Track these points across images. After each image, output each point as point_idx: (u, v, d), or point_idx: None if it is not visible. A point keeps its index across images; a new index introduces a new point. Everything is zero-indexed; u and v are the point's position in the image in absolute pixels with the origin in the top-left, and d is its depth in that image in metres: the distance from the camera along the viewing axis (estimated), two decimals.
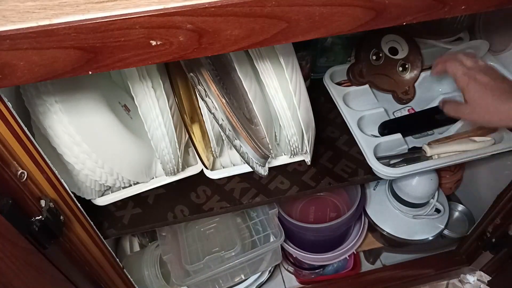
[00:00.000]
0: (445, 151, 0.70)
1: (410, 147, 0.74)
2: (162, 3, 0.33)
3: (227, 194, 0.70)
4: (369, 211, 0.93)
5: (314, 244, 0.93)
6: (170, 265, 0.81)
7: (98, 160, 0.57)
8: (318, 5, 0.36)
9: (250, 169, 0.66)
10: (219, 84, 0.55)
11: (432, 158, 0.70)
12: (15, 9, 0.33)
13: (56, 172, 0.48)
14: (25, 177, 0.44)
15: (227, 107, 0.55)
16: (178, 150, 0.62)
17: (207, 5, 0.33)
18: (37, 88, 0.50)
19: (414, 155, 0.72)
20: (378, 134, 0.75)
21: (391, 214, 0.92)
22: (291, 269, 1.02)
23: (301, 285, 1.03)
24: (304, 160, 0.70)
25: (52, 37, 0.32)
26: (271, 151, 0.64)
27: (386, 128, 0.74)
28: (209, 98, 0.54)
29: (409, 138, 0.76)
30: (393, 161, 0.72)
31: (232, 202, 0.69)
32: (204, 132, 0.66)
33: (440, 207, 0.90)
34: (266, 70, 0.56)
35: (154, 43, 0.34)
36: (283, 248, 0.93)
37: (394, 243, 0.95)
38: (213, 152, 0.68)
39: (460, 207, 1.04)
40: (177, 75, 0.63)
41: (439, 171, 0.92)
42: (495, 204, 0.86)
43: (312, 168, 0.73)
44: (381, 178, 0.71)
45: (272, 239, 0.88)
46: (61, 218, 0.50)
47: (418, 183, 0.84)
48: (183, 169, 0.69)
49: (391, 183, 0.91)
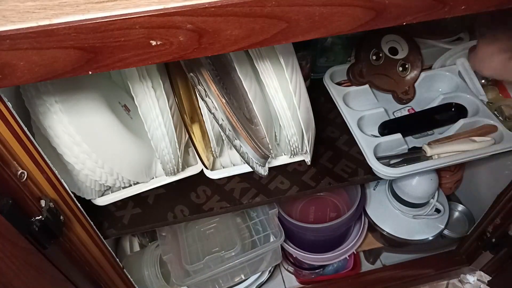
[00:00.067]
0: (445, 151, 0.70)
1: (410, 147, 0.74)
2: (162, 3, 0.33)
3: (227, 194, 0.70)
4: (369, 211, 0.93)
5: (314, 244, 0.93)
6: (170, 265, 0.81)
7: (98, 160, 0.57)
8: (318, 5, 0.36)
9: (250, 169, 0.66)
10: (219, 84, 0.55)
11: (432, 158, 0.70)
12: (15, 9, 0.33)
13: (56, 172, 0.48)
14: (25, 177, 0.44)
15: (227, 107, 0.55)
16: (178, 150, 0.62)
17: (207, 5, 0.33)
18: (37, 88, 0.50)
19: (414, 155, 0.72)
20: (378, 134, 0.75)
21: (391, 214, 0.92)
22: (291, 269, 1.02)
23: (301, 285, 1.03)
24: (304, 160, 0.70)
25: (52, 37, 0.32)
26: (271, 151, 0.64)
27: (386, 128, 0.74)
28: (209, 98, 0.54)
29: (409, 138, 0.76)
30: (393, 161, 0.72)
31: (232, 202, 0.69)
32: (204, 132, 0.66)
33: (440, 207, 0.90)
34: (266, 70, 0.56)
35: (154, 43, 0.34)
36: (283, 248, 0.93)
37: (394, 243, 0.95)
38: (213, 152, 0.68)
39: (460, 207, 1.04)
40: (177, 75, 0.63)
41: (439, 171, 0.92)
42: (495, 204, 0.86)
43: (312, 168, 0.73)
44: (381, 178, 0.71)
45: (272, 239, 0.88)
46: (61, 218, 0.50)
47: (418, 183, 0.84)
48: (183, 169, 0.69)
49: (391, 183, 0.91)
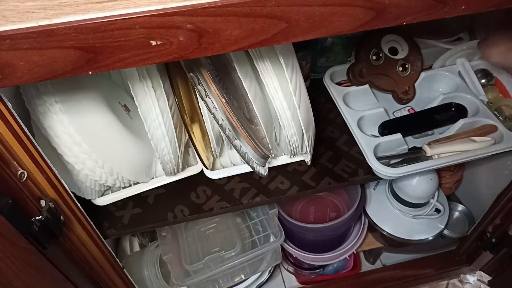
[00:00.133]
0: (445, 151, 0.70)
1: (410, 147, 0.74)
2: (162, 3, 0.33)
3: (227, 194, 0.70)
4: (369, 211, 0.93)
5: (314, 244, 0.93)
6: (170, 265, 0.81)
7: (98, 160, 0.57)
8: (318, 5, 0.36)
9: (250, 169, 0.66)
10: (219, 84, 0.55)
11: (432, 158, 0.70)
12: (15, 9, 0.33)
13: (56, 172, 0.48)
14: (25, 177, 0.44)
15: (227, 107, 0.55)
16: (178, 150, 0.62)
17: (207, 5, 0.33)
18: (37, 88, 0.50)
19: (414, 155, 0.72)
20: (378, 134, 0.75)
21: (391, 214, 0.92)
22: (291, 269, 1.02)
23: (301, 285, 1.03)
24: (304, 160, 0.70)
25: (52, 37, 0.32)
26: (271, 151, 0.64)
27: (386, 128, 0.74)
28: (209, 98, 0.54)
29: (409, 138, 0.76)
30: (393, 161, 0.72)
31: (232, 202, 0.69)
32: (204, 132, 0.66)
33: (440, 207, 0.90)
34: (266, 70, 0.56)
35: (154, 43, 0.34)
36: (283, 248, 0.93)
37: (394, 243, 0.95)
38: (213, 152, 0.68)
39: (460, 207, 1.04)
40: (177, 75, 0.63)
41: (439, 171, 0.92)
42: (495, 204, 0.86)
43: (312, 168, 0.73)
44: (381, 178, 0.71)
45: (272, 239, 0.88)
46: (61, 218, 0.50)
47: (418, 183, 0.84)
48: (183, 169, 0.69)
49: (391, 183, 0.91)
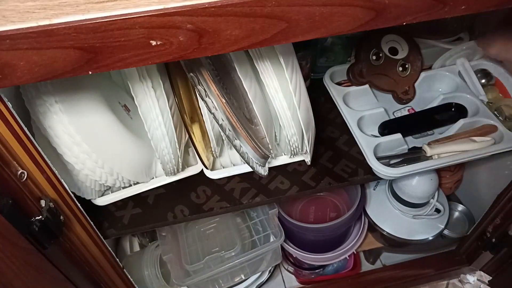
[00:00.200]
0: (445, 151, 0.70)
1: (410, 147, 0.74)
2: (162, 3, 0.33)
3: (227, 194, 0.70)
4: (369, 211, 0.93)
5: (314, 244, 0.93)
6: (170, 265, 0.81)
7: (98, 160, 0.57)
8: (318, 5, 0.36)
9: (250, 169, 0.66)
10: (219, 84, 0.55)
11: (432, 158, 0.70)
12: (15, 9, 0.33)
13: (56, 172, 0.48)
14: (25, 177, 0.44)
15: (227, 107, 0.55)
16: (178, 150, 0.62)
17: (207, 5, 0.33)
18: (37, 88, 0.50)
19: (414, 155, 0.72)
20: (378, 134, 0.75)
21: (391, 214, 0.92)
22: (291, 269, 1.02)
23: (301, 285, 1.03)
24: (304, 160, 0.70)
25: (52, 37, 0.32)
26: (271, 151, 0.64)
27: (386, 128, 0.74)
28: (209, 98, 0.54)
29: (409, 138, 0.76)
30: (393, 161, 0.72)
31: (232, 202, 0.69)
32: (204, 132, 0.66)
33: (440, 207, 0.90)
34: (266, 70, 0.56)
35: (154, 43, 0.34)
36: (283, 248, 0.93)
37: (394, 243, 0.95)
38: (213, 152, 0.68)
39: (460, 207, 1.04)
40: (177, 75, 0.63)
41: (439, 171, 0.92)
42: (495, 204, 0.86)
43: (312, 168, 0.73)
44: (381, 178, 0.71)
45: (272, 239, 0.88)
46: (61, 218, 0.50)
47: (418, 183, 0.84)
48: (183, 169, 0.69)
49: (391, 183, 0.91)
